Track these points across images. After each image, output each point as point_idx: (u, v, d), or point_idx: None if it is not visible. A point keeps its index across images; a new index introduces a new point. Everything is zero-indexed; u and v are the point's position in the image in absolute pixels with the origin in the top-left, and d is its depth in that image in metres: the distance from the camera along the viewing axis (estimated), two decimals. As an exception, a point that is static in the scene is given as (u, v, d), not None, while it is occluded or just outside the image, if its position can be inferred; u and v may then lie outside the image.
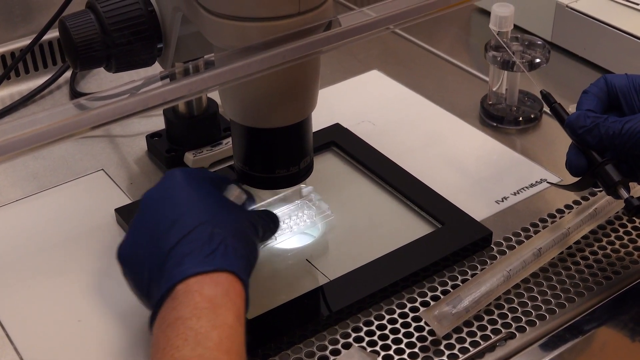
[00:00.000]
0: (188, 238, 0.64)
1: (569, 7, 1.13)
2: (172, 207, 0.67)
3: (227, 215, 0.68)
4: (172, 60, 0.82)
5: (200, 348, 0.59)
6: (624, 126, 0.72)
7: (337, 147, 0.96)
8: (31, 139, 0.56)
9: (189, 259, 0.63)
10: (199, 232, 0.65)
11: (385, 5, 0.68)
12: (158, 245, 0.65)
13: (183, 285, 0.62)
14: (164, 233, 0.65)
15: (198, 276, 0.63)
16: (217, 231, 0.65)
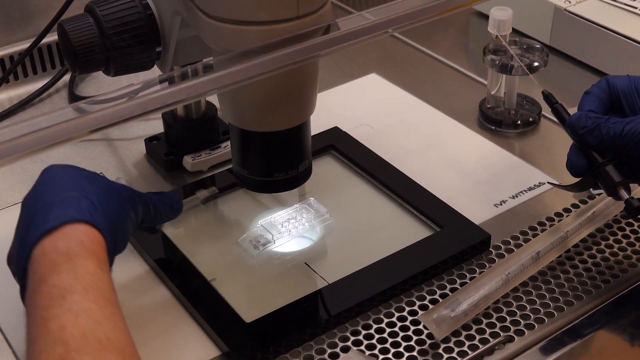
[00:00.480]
0: (44, 206, 0.65)
1: (567, 11, 1.13)
2: (42, 194, 0.67)
3: (96, 187, 0.68)
4: (170, 64, 0.82)
5: (67, 303, 0.59)
6: (625, 127, 0.72)
7: (336, 151, 0.96)
8: (30, 143, 0.56)
9: (42, 222, 0.63)
10: (56, 199, 0.65)
11: (384, 9, 0.68)
12: (25, 233, 0.65)
13: (38, 249, 0.62)
14: (30, 219, 0.66)
15: (49, 235, 0.63)
16: (73, 194, 0.65)
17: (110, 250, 0.66)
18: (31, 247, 0.63)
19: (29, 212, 0.66)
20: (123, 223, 0.70)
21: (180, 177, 0.94)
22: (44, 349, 0.57)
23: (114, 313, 0.61)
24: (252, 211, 0.88)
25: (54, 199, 0.65)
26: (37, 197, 0.67)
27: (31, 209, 0.66)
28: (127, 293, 0.79)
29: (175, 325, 0.76)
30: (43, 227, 0.63)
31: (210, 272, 0.80)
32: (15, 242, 0.67)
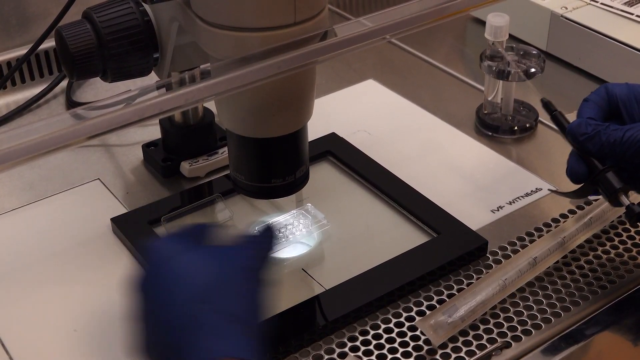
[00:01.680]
0: (189, 327, 0.60)
1: (564, 17, 1.14)
2: (167, 292, 0.62)
3: (222, 290, 0.62)
4: (168, 70, 0.82)
5: None
6: (625, 134, 0.72)
7: (333, 157, 0.96)
8: (27, 149, 0.56)
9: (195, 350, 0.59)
10: (198, 319, 0.60)
11: (382, 15, 0.69)
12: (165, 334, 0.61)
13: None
14: (167, 323, 0.61)
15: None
16: (212, 318, 0.60)
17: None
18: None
19: (160, 324, 0.61)
20: (261, 315, 0.64)
21: (177, 183, 0.94)
22: None
23: None
24: (249, 217, 0.88)
25: (191, 321, 0.59)
26: (165, 303, 0.61)
27: (163, 320, 0.60)
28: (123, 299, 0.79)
29: (173, 331, 0.76)
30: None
31: (208, 278, 0.80)
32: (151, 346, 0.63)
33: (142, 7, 0.79)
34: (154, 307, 0.62)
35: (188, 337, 0.59)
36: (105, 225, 0.87)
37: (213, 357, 0.58)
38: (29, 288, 0.81)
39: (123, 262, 0.83)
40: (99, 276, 0.82)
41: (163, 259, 0.63)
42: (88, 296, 0.80)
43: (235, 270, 0.63)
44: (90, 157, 0.99)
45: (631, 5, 1.15)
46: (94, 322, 0.77)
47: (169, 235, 0.68)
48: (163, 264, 0.63)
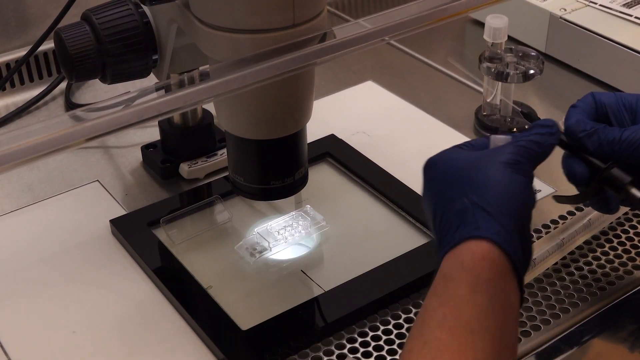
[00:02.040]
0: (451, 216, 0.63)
1: (562, 19, 1.14)
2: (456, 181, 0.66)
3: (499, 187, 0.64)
4: (167, 72, 0.82)
5: (424, 329, 0.58)
6: (623, 134, 0.72)
7: (332, 158, 0.96)
8: (26, 151, 0.56)
9: (448, 237, 0.62)
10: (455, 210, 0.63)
11: (380, 17, 0.69)
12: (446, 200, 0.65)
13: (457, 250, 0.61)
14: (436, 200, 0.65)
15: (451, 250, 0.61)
16: (472, 210, 0.62)
17: (517, 260, 0.61)
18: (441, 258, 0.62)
19: (437, 208, 0.65)
20: (527, 224, 0.65)
21: (176, 185, 0.94)
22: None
23: (466, 343, 0.57)
24: (249, 219, 0.88)
25: (456, 208, 0.63)
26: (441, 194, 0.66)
27: (439, 206, 0.65)
28: (122, 300, 0.79)
29: (172, 333, 0.76)
30: (447, 245, 0.61)
31: (207, 279, 0.80)
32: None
33: (141, 8, 0.79)
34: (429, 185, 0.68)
35: (447, 217, 0.63)
36: (104, 226, 0.87)
37: (469, 236, 0.60)
38: (27, 290, 0.81)
39: (122, 264, 0.83)
40: (98, 278, 0.82)
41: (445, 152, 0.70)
42: (87, 298, 0.80)
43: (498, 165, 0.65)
44: (89, 159, 0.99)
45: (630, 6, 1.15)
46: (93, 324, 0.77)
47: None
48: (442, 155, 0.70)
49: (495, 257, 0.60)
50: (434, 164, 0.69)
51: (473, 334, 0.57)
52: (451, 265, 0.60)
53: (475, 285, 0.58)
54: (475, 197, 0.62)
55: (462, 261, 0.60)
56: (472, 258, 0.59)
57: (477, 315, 0.57)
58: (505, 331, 0.58)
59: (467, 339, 0.56)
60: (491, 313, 0.58)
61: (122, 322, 0.77)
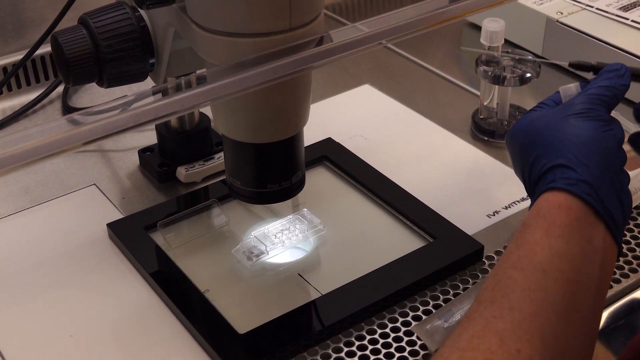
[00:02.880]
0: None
1: (559, 22, 1.14)
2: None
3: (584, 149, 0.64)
4: (164, 76, 0.82)
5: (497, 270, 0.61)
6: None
7: (329, 162, 0.96)
8: (23, 155, 0.56)
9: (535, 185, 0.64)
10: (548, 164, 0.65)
11: (377, 20, 0.69)
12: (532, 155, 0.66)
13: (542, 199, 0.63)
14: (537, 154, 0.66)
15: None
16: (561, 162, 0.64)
17: (599, 205, 0.62)
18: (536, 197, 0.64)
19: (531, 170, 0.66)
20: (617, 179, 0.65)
21: (173, 189, 0.94)
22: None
23: (537, 282, 0.58)
24: (246, 222, 0.88)
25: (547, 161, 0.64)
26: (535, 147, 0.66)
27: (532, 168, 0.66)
28: (120, 304, 0.79)
29: (169, 336, 0.76)
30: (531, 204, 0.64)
31: (204, 283, 0.80)
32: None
33: (138, 12, 0.79)
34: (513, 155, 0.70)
35: (532, 180, 0.65)
36: (101, 230, 0.87)
37: (545, 189, 0.63)
38: (24, 293, 0.81)
39: (119, 268, 0.83)
40: (95, 281, 0.82)
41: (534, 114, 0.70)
42: (84, 301, 0.80)
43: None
44: (86, 163, 0.99)
45: (626, 10, 1.15)
46: (90, 328, 0.77)
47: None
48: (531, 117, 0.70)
49: (571, 205, 0.61)
50: (513, 135, 0.70)
51: (545, 274, 0.58)
52: (530, 215, 0.62)
53: (549, 231, 0.60)
54: (552, 155, 0.64)
55: (539, 210, 0.62)
56: (548, 207, 0.61)
57: (550, 258, 0.59)
58: (584, 274, 0.59)
59: (538, 279, 0.58)
60: (566, 256, 0.59)
61: (119, 326, 0.77)
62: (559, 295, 0.58)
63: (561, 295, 0.58)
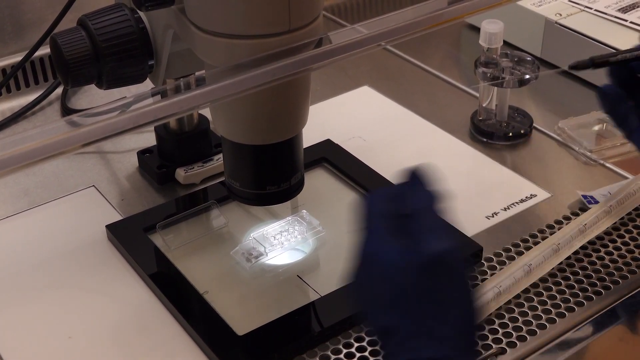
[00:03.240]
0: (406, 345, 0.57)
1: (558, 24, 1.14)
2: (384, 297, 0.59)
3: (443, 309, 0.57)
4: (163, 77, 0.82)
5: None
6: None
7: (328, 163, 0.96)
8: (22, 156, 0.56)
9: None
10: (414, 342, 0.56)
11: (376, 22, 0.69)
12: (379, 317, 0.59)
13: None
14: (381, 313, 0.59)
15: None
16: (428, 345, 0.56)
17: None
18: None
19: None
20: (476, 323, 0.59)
21: (172, 190, 0.94)
22: None
23: None
24: (245, 224, 0.88)
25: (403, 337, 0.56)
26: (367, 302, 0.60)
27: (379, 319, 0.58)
28: (119, 306, 0.79)
29: (168, 338, 0.76)
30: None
31: (203, 285, 0.80)
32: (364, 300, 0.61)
33: (137, 14, 0.79)
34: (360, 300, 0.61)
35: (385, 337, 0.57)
36: (100, 232, 0.87)
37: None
38: (23, 295, 0.81)
39: (118, 269, 0.83)
40: (94, 283, 0.82)
41: (369, 254, 0.61)
42: (83, 303, 0.80)
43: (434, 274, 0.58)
44: (85, 164, 0.99)
45: (625, 11, 1.15)
46: (89, 329, 0.77)
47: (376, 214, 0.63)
48: (368, 261, 0.61)
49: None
50: (363, 269, 0.62)
51: None
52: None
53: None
54: (429, 325, 0.56)
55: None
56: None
57: None
58: None
59: None
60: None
61: (118, 328, 0.77)
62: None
63: None
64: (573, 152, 0.99)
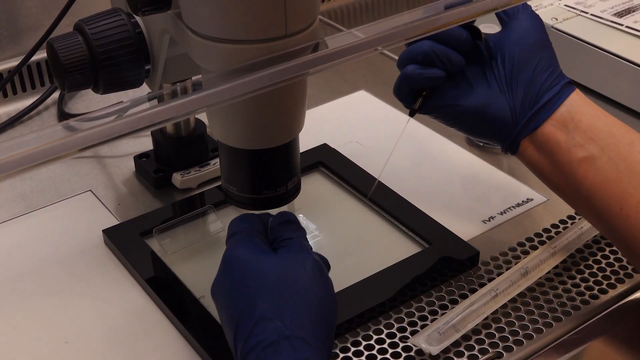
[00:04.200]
0: (253, 336, 0.61)
1: (554, 28, 1.14)
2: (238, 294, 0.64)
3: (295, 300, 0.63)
4: (160, 82, 0.82)
5: None
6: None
7: (325, 168, 0.96)
8: (19, 161, 0.56)
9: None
10: (266, 332, 0.61)
11: (373, 26, 0.69)
12: (233, 317, 0.64)
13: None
14: (235, 316, 0.63)
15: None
16: (286, 338, 0.61)
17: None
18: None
19: (237, 330, 0.63)
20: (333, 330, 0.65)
21: (169, 195, 0.94)
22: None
23: None
24: (242, 228, 0.88)
25: (269, 338, 0.61)
26: (237, 309, 0.63)
27: (241, 326, 0.62)
28: (115, 310, 0.79)
29: (164, 342, 0.76)
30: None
31: (199, 289, 0.80)
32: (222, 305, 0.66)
33: (133, 19, 0.79)
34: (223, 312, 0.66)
35: (256, 345, 0.61)
36: (96, 236, 0.87)
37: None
38: (19, 299, 0.81)
39: (114, 274, 0.83)
40: (91, 288, 0.82)
41: (231, 263, 0.66)
42: (79, 308, 0.79)
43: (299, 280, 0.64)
44: (82, 169, 0.99)
45: (621, 16, 1.15)
46: (85, 334, 0.77)
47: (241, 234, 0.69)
48: (230, 269, 0.66)
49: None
50: (233, 262, 0.66)
51: None
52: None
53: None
54: (290, 322, 0.61)
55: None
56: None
57: None
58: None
59: None
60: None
61: (115, 332, 0.77)
62: None
63: None
64: (569, 156, 0.99)
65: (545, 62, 0.76)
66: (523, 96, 0.74)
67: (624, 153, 0.71)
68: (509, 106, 0.74)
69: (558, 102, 0.74)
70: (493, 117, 0.75)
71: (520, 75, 0.75)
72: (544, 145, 0.74)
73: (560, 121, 0.74)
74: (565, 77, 0.76)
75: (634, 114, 1.08)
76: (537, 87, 0.74)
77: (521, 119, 0.74)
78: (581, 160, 0.72)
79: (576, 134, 0.73)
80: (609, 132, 0.72)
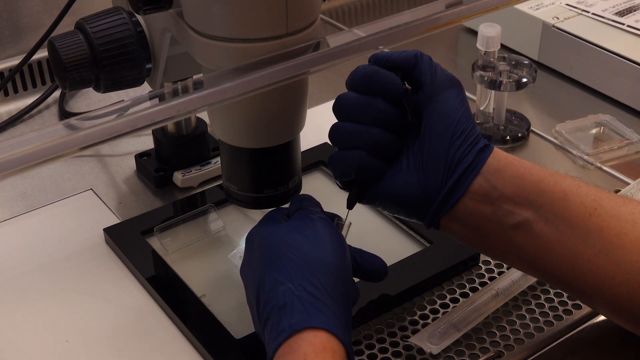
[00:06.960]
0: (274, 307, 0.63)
1: (555, 27, 1.14)
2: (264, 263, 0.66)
3: (326, 275, 0.64)
4: (161, 81, 0.82)
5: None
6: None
7: (326, 167, 0.96)
8: (20, 160, 0.56)
9: (275, 333, 0.61)
10: (282, 301, 0.63)
11: (374, 25, 0.69)
12: (257, 288, 0.65)
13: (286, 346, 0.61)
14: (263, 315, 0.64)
15: (284, 343, 0.61)
16: (302, 295, 0.62)
17: (350, 346, 0.62)
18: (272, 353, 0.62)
19: (258, 301, 0.65)
20: (350, 302, 0.67)
21: (170, 193, 0.94)
22: None
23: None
24: (242, 227, 0.88)
25: (281, 300, 0.62)
26: (262, 286, 0.65)
27: (259, 297, 0.65)
28: (116, 309, 0.79)
29: (165, 341, 0.76)
30: (276, 340, 0.61)
31: (200, 288, 0.80)
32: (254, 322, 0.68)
33: (134, 17, 0.79)
34: (249, 263, 0.69)
35: (272, 309, 0.63)
36: (97, 235, 0.87)
37: (296, 329, 0.61)
38: (21, 298, 0.81)
39: (115, 273, 0.83)
40: (92, 286, 0.82)
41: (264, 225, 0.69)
42: (80, 306, 0.79)
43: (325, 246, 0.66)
44: (83, 168, 0.99)
45: (622, 15, 1.15)
46: (86, 333, 0.77)
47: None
48: (248, 246, 0.69)
49: (334, 347, 0.60)
50: (251, 239, 0.70)
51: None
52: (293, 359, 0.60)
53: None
54: (299, 281, 0.63)
55: (304, 354, 0.59)
56: (313, 350, 0.59)
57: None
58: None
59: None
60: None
61: (116, 331, 0.77)
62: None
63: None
64: (570, 155, 0.99)
65: (459, 128, 0.68)
66: (435, 173, 0.68)
67: (560, 210, 0.64)
68: (421, 187, 0.68)
69: (473, 173, 0.67)
70: (406, 200, 0.69)
71: (434, 149, 0.68)
72: (467, 220, 0.68)
73: (480, 193, 0.67)
74: (480, 141, 0.68)
75: (634, 113, 1.08)
76: (449, 160, 0.67)
77: (435, 199, 0.68)
78: (516, 227, 0.65)
79: (502, 202, 0.66)
80: (538, 190, 0.65)
